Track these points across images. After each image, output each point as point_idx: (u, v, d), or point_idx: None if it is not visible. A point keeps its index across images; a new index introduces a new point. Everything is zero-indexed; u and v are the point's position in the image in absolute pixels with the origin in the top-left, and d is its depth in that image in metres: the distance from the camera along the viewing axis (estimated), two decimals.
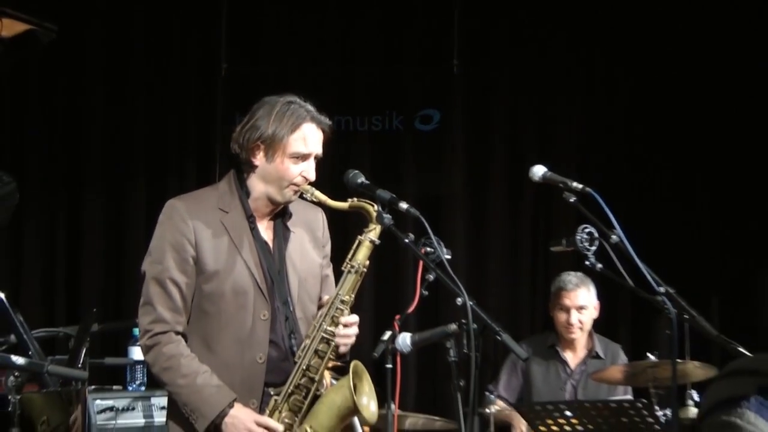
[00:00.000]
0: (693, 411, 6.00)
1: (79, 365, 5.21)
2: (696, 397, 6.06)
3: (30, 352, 4.96)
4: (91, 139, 7.11)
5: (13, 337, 5.00)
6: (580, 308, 6.63)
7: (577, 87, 7.58)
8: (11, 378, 4.23)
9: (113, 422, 5.39)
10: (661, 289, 4.62)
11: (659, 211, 7.33)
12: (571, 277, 6.62)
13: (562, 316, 6.66)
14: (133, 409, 5.46)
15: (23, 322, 5.04)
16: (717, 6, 7.31)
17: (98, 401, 5.37)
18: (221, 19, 7.20)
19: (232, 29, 7.22)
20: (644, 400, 5.58)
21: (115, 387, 5.73)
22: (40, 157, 7.08)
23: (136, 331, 5.18)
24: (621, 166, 7.51)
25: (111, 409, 5.40)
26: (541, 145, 7.40)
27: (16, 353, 4.72)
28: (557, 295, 6.68)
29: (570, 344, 6.74)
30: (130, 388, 5.64)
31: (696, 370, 5.89)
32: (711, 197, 7.42)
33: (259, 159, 4.17)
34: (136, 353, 5.56)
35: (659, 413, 5.34)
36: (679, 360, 4.81)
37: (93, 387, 5.49)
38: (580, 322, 6.64)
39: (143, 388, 5.62)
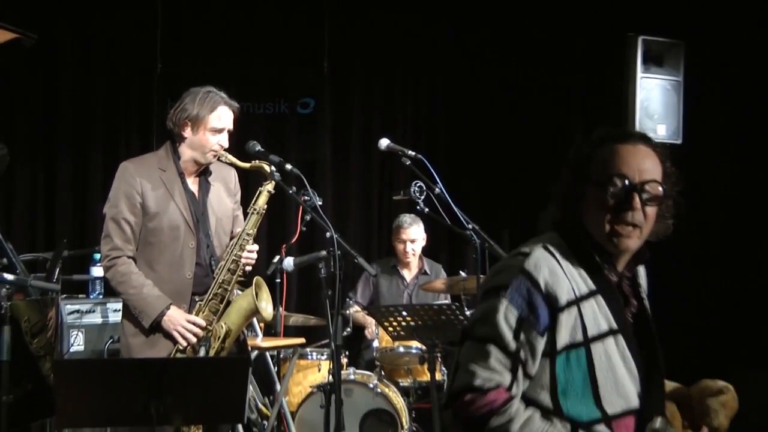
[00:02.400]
0: None
1: (54, 280, 5.15)
2: None
3: (17, 271, 4.87)
4: (64, 114, 6.97)
5: (5, 260, 4.93)
6: (413, 240, 6.73)
7: (411, 84, 7.63)
8: (3, 290, 4.15)
9: (79, 321, 5.32)
10: (469, 226, 4.76)
11: (469, 171, 7.43)
12: (407, 218, 6.70)
13: (400, 246, 6.76)
14: (94, 311, 5.38)
15: (12, 249, 4.95)
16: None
17: (68, 306, 5.28)
18: (157, 30, 7.12)
19: (164, 40, 7.12)
20: (457, 304, 5.67)
21: (80, 296, 5.63)
22: (27, 127, 6.94)
23: (96, 255, 5.18)
24: (442, 138, 7.60)
25: (77, 311, 5.31)
26: (386, 123, 7.43)
27: (8, 272, 4.66)
28: (397, 231, 6.77)
29: (406, 265, 6.85)
30: (92, 297, 5.55)
31: None
32: (504, 163, 7.55)
33: (187, 132, 4.20)
34: (96, 272, 5.51)
35: (467, 312, 5.45)
36: (482, 275, 4.91)
37: (64, 296, 5.39)
38: (413, 249, 6.74)
39: (101, 297, 5.52)
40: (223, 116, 4.23)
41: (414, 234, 6.72)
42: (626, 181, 2.30)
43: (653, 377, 2.36)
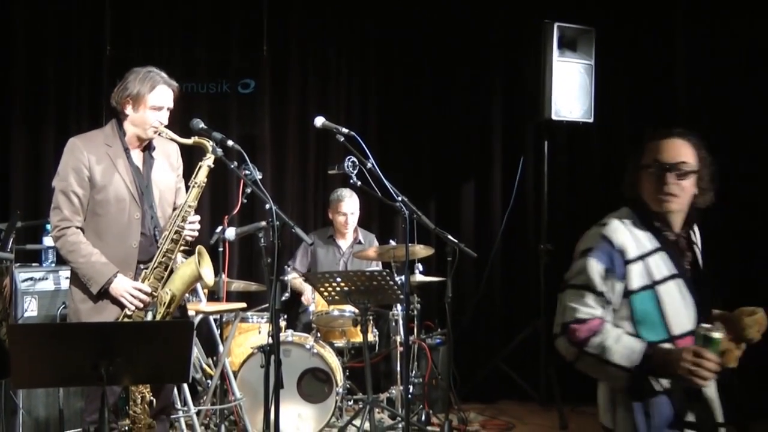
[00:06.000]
0: (419, 277, 6.18)
1: (8, 249, 5.08)
2: (421, 268, 6.24)
3: None
4: (18, 94, 6.83)
5: None
6: (353, 212, 6.74)
7: (345, 67, 7.60)
8: None
9: (32, 288, 5.25)
10: (399, 198, 4.79)
11: (398, 146, 7.44)
12: (345, 191, 6.70)
13: (341, 218, 6.74)
14: (46, 279, 5.30)
15: None
16: None
17: (22, 273, 5.19)
18: (105, 17, 6.98)
19: (113, 25, 6.98)
20: (387, 270, 5.72)
21: (33, 264, 5.54)
22: None
23: (48, 226, 5.08)
24: (373, 116, 7.59)
25: (31, 278, 5.23)
26: (321, 102, 7.38)
27: None
28: (337, 204, 6.74)
29: (343, 235, 6.85)
30: (44, 265, 5.46)
31: (421, 250, 6.03)
32: (431, 139, 7.58)
33: (128, 110, 4.16)
34: (48, 241, 5.41)
35: (396, 278, 5.49)
36: (410, 244, 4.94)
37: (18, 264, 5.31)
38: (353, 221, 6.78)
39: (53, 265, 5.45)
40: (162, 94, 4.19)
41: (353, 207, 6.73)
42: (660, 164, 2.97)
43: (705, 306, 2.99)
